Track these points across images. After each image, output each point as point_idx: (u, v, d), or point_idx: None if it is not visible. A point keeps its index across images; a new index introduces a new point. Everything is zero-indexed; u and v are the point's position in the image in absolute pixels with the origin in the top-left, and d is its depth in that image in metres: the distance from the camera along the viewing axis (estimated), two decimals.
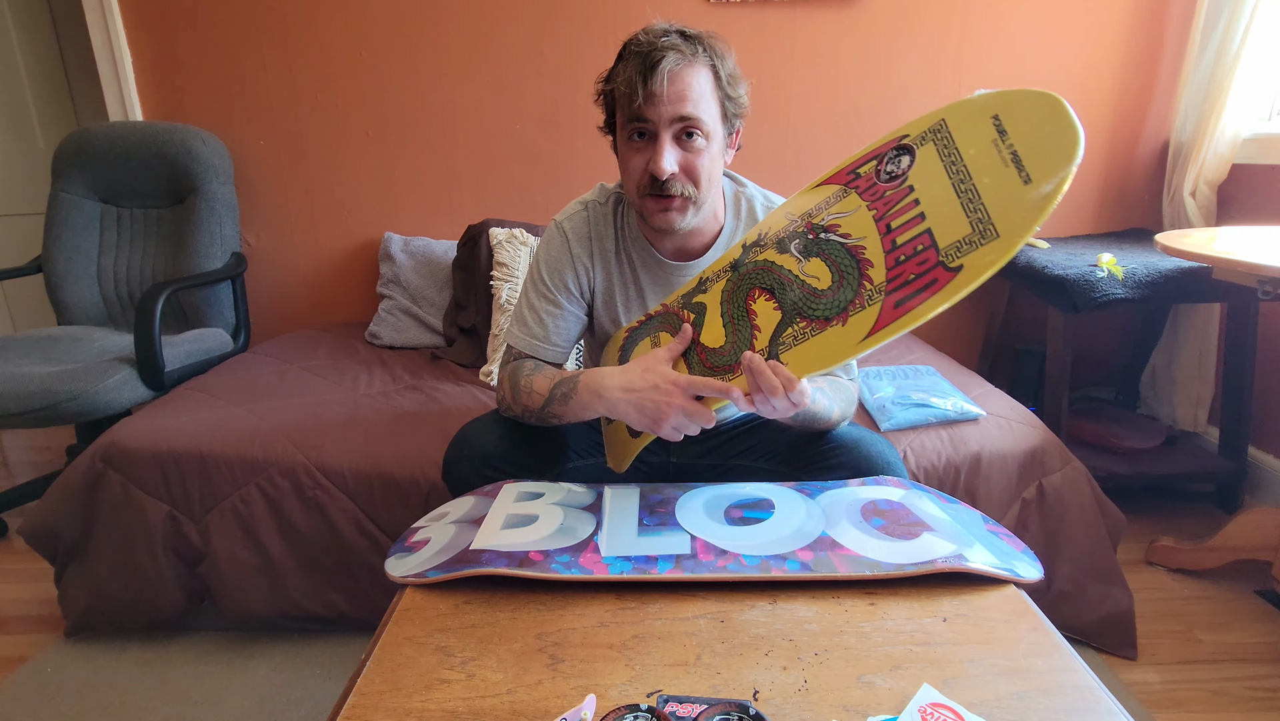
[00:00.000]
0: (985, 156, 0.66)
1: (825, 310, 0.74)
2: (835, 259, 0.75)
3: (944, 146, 0.70)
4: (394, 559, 0.77)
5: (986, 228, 0.64)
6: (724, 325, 0.84)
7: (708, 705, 0.54)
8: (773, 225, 0.84)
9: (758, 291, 0.81)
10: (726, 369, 0.82)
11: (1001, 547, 0.75)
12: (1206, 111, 1.77)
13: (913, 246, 0.69)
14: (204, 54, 1.97)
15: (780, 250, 0.80)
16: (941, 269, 0.66)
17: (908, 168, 0.72)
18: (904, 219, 0.70)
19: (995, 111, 0.68)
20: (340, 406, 1.49)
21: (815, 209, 0.79)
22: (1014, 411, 1.43)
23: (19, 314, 2.52)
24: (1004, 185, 0.65)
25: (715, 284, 0.87)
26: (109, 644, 1.37)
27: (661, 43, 0.86)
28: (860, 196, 0.75)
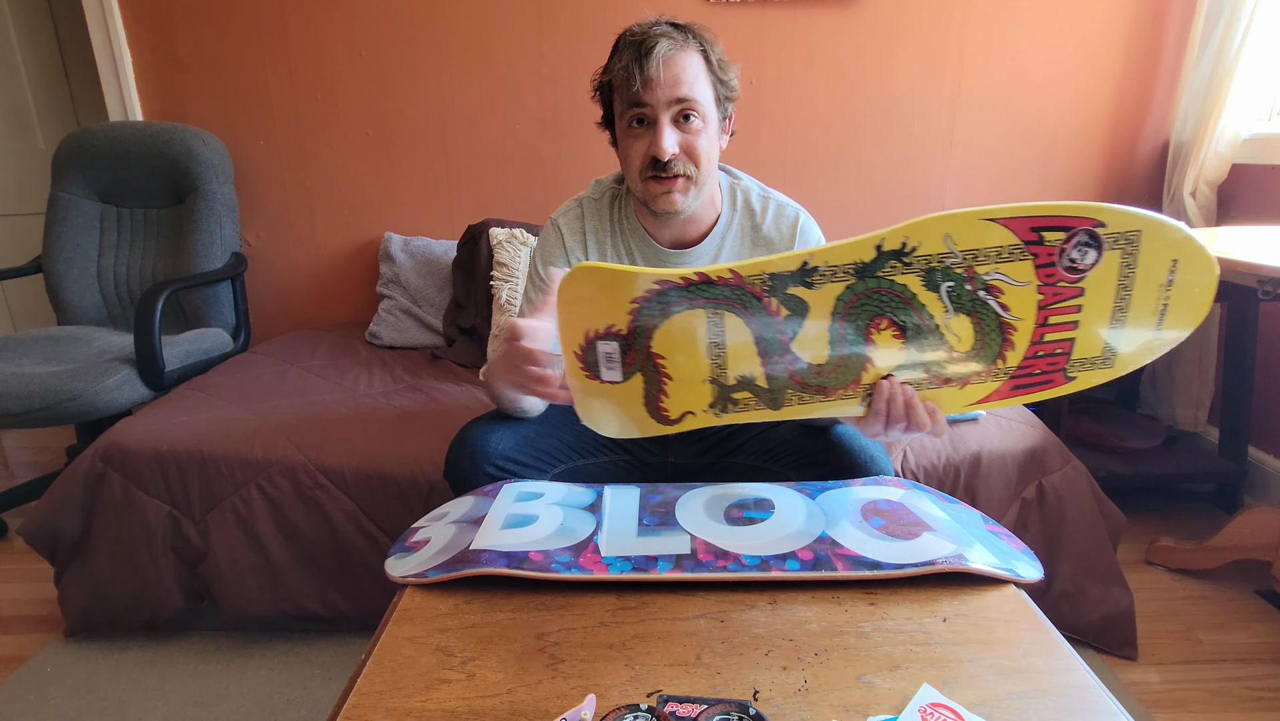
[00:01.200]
0: (1148, 297, 0.68)
1: (954, 371, 0.73)
2: (985, 327, 0.71)
3: (1127, 263, 0.68)
4: (394, 559, 0.76)
5: (1110, 358, 0.70)
6: (830, 342, 0.73)
7: (708, 705, 0.54)
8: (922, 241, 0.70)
9: (886, 321, 0.72)
10: (819, 389, 0.75)
11: (1001, 547, 0.75)
12: (1206, 111, 1.77)
13: (1054, 348, 0.71)
14: (204, 54, 1.97)
15: (927, 284, 0.71)
16: (1062, 375, 0.71)
17: (1091, 265, 0.69)
18: (1061, 319, 0.70)
19: (1177, 256, 0.67)
20: (340, 406, 1.49)
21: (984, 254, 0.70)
22: (1013, 411, 1.43)
23: (19, 314, 2.52)
24: (1143, 328, 0.69)
25: (829, 283, 0.72)
26: (109, 644, 1.37)
27: (654, 31, 0.89)
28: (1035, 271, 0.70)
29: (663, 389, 0.77)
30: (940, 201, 2.06)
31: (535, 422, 1.03)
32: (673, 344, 0.75)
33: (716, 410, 0.77)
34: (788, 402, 0.76)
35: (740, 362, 0.75)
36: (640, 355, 0.75)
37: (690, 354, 0.75)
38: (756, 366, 0.75)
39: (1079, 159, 2.03)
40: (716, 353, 0.75)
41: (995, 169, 2.03)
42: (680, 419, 0.78)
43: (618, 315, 0.74)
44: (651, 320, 0.74)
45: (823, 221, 1.07)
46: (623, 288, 0.73)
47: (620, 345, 0.75)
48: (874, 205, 2.06)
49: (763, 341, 0.74)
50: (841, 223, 2.05)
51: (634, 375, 0.76)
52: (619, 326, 0.74)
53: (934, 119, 2.00)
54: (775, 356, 0.74)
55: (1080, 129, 2.00)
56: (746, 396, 0.76)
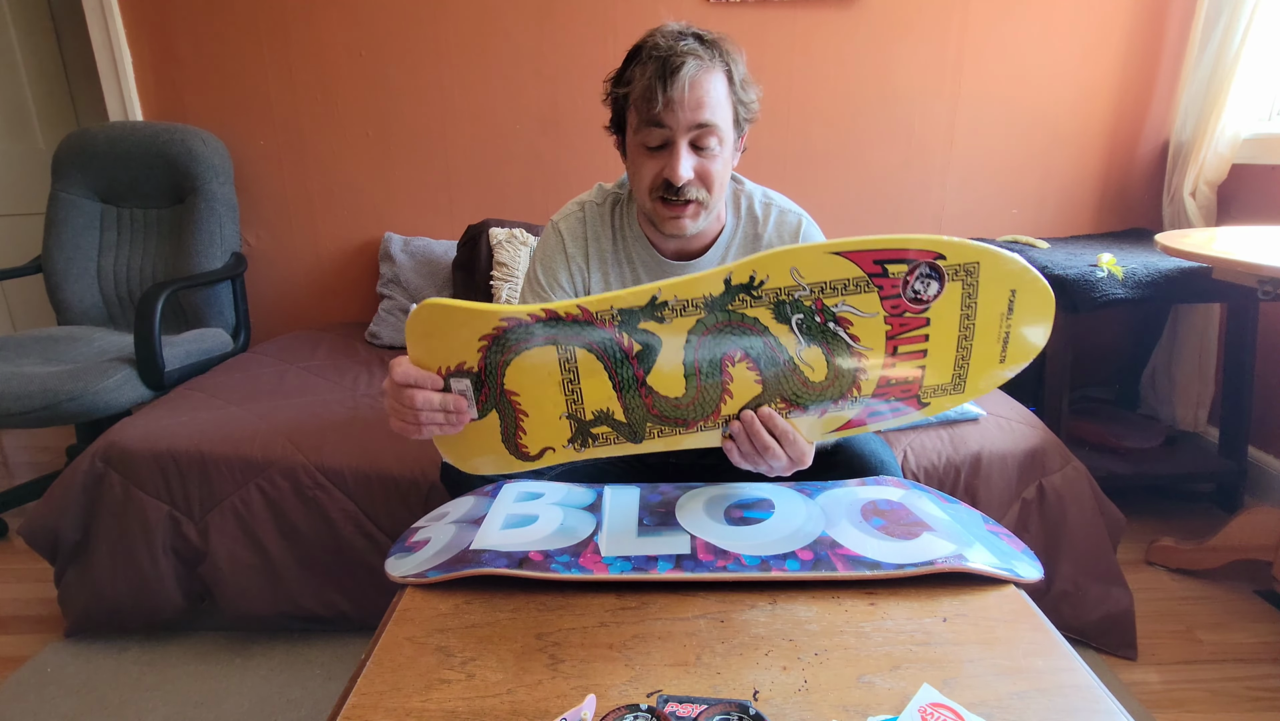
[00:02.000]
0: (990, 326, 0.72)
1: (810, 400, 0.74)
2: (837, 357, 0.73)
3: (968, 292, 0.71)
4: (394, 559, 0.76)
5: (960, 383, 0.74)
6: (686, 376, 0.73)
7: (708, 705, 0.54)
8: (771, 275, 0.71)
9: (740, 353, 0.72)
10: (679, 422, 0.75)
11: (1001, 547, 0.75)
12: (1206, 111, 1.77)
13: (904, 376, 0.73)
14: (204, 54, 1.97)
15: (778, 317, 0.72)
16: (916, 401, 0.74)
17: (934, 296, 0.71)
18: (911, 348, 0.73)
19: (1015, 286, 0.71)
20: (340, 406, 1.49)
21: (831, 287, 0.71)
22: (1014, 411, 1.43)
23: (19, 314, 2.52)
24: (988, 358, 0.73)
25: (680, 319, 0.72)
26: (109, 644, 1.37)
27: (681, 47, 0.85)
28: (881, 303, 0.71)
29: (519, 425, 0.76)
30: (940, 200, 2.06)
31: None
32: (525, 381, 0.73)
33: (576, 445, 0.76)
34: (648, 436, 0.76)
35: (595, 398, 0.74)
36: (494, 392, 0.74)
37: (544, 390, 0.74)
38: (613, 401, 0.74)
39: (1079, 158, 2.03)
40: (570, 389, 0.74)
41: (995, 168, 2.04)
42: (540, 454, 0.77)
43: (467, 352, 0.72)
44: (502, 356, 0.73)
45: (823, 221, 1.06)
46: (471, 324, 0.72)
47: (473, 381, 0.74)
48: (874, 205, 2.07)
49: (617, 378, 0.73)
50: (842, 222, 2.05)
51: (489, 412, 0.75)
52: (469, 364, 0.73)
53: (934, 118, 2.00)
54: (630, 391, 0.74)
55: (1080, 128, 2.00)
56: (605, 431, 0.76)
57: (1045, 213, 2.07)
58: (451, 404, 0.72)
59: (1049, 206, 2.07)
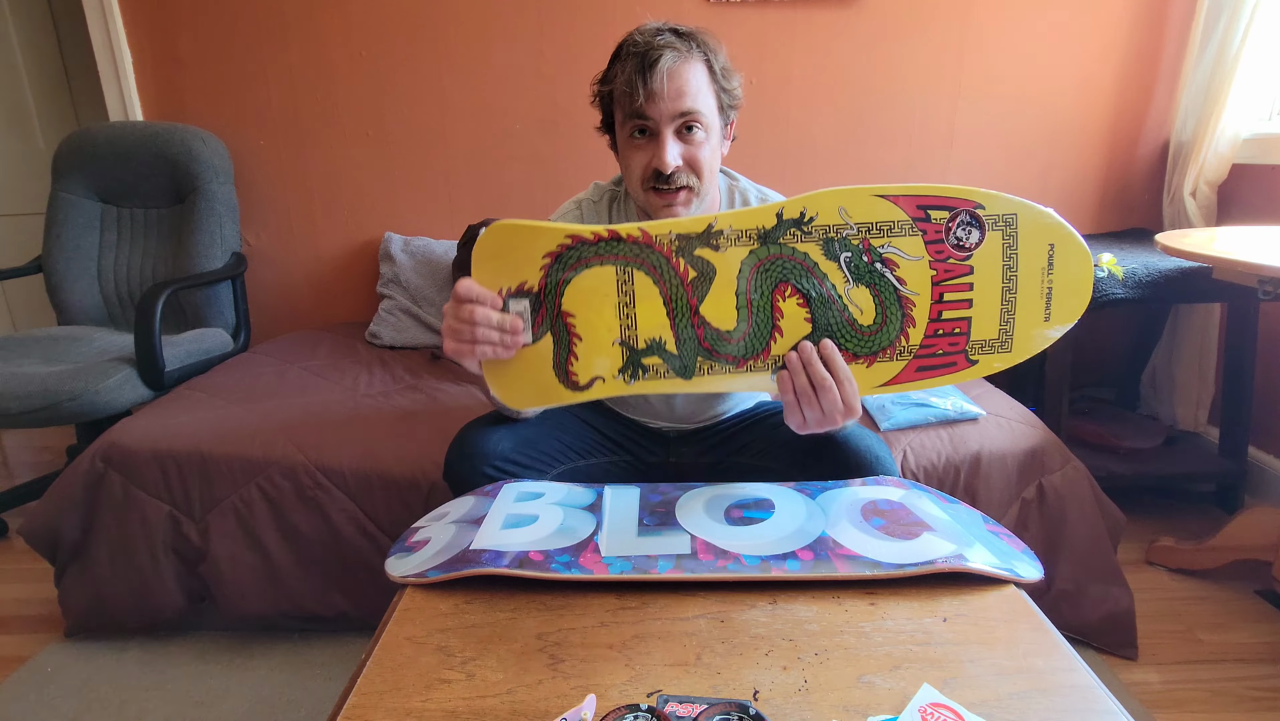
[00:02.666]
0: (1033, 278, 0.73)
1: (859, 346, 0.75)
2: (884, 300, 0.74)
3: (1009, 244, 0.73)
4: (394, 559, 0.76)
5: (1007, 341, 0.74)
6: (739, 307, 0.75)
7: (708, 705, 0.54)
8: (820, 212, 0.73)
9: (790, 289, 0.74)
10: (730, 359, 0.76)
11: (1001, 547, 0.75)
12: (1206, 111, 1.77)
13: (952, 326, 0.74)
14: (204, 54, 1.97)
15: (827, 254, 0.73)
16: (964, 357, 0.75)
17: (976, 244, 0.73)
18: (956, 297, 0.74)
19: (1053, 241, 0.73)
20: (340, 406, 1.49)
21: (878, 228, 0.73)
22: (1014, 411, 1.43)
23: (19, 314, 2.52)
24: (1033, 314, 0.73)
25: (734, 248, 0.74)
26: (109, 644, 1.37)
27: (657, 41, 0.88)
28: (926, 247, 0.73)
29: (572, 350, 0.77)
30: None
31: (534, 424, 1.03)
32: (583, 301, 0.76)
33: (626, 375, 0.77)
34: (699, 372, 0.77)
35: (650, 325, 0.76)
36: (550, 313, 0.76)
37: (600, 313, 0.76)
38: (666, 330, 0.76)
39: (1079, 158, 2.03)
40: (626, 313, 0.76)
41: (995, 168, 2.04)
42: (589, 384, 0.78)
43: (530, 270, 0.75)
44: (562, 275, 0.75)
45: None
46: (536, 242, 0.75)
47: (532, 302, 0.76)
48: None
49: (671, 303, 0.75)
50: None
51: (544, 335, 0.77)
52: (530, 283, 0.75)
53: (934, 118, 2.00)
54: (684, 320, 0.75)
55: (1080, 128, 2.00)
56: (656, 362, 0.77)
57: None
58: (509, 323, 0.74)
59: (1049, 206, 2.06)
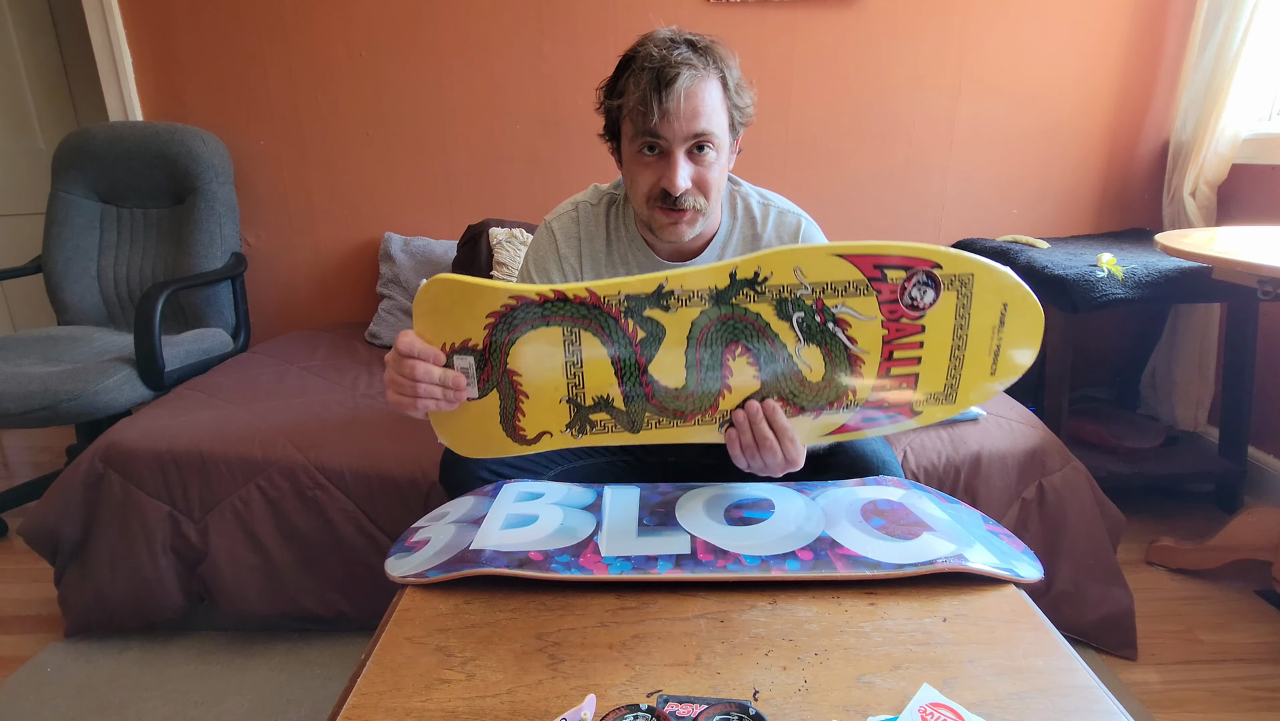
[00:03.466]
0: (982, 337, 0.73)
1: (806, 401, 0.75)
2: (834, 358, 0.74)
3: (962, 304, 0.72)
4: (394, 559, 0.76)
5: (951, 393, 0.75)
6: (687, 366, 0.74)
7: (708, 705, 0.54)
8: (775, 272, 0.72)
9: (741, 348, 0.74)
10: (677, 414, 0.76)
11: (1001, 547, 0.75)
12: (1206, 111, 1.77)
13: (899, 382, 0.74)
14: (204, 54, 1.97)
15: (779, 314, 0.73)
16: (909, 408, 0.75)
17: (930, 304, 0.73)
18: (906, 354, 0.74)
19: (1007, 300, 0.72)
20: (340, 406, 1.49)
21: (832, 288, 0.73)
22: (1014, 411, 1.43)
23: (19, 314, 2.52)
24: (979, 369, 0.74)
25: (685, 308, 0.73)
26: (109, 644, 1.37)
27: (674, 57, 0.84)
28: (880, 307, 0.73)
29: (519, 407, 0.76)
30: (940, 200, 2.06)
31: None
32: (528, 361, 0.74)
33: (574, 431, 0.77)
34: (646, 426, 0.76)
35: (597, 383, 0.75)
36: (496, 371, 0.74)
37: (546, 373, 0.74)
38: (614, 388, 0.75)
39: (1079, 158, 2.03)
40: (573, 372, 0.75)
41: (995, 168, 2.04)
42: (537, 439, 0.77)
43: (473, 329, 0.73)
44: (508, 335, 0.73)
45: (823, 220, 1.05)
46: (480, 301, 0.72)
47: (476, 360, 0.74)
48: (874, 205, 2.07)
49: (619, 363, 0.74)
50: (842, 222, 2.05)
51: (490, 391, 0.75)
52: (475, 341, 0.74)
53: (934, 118, 2.00)
54: (631, 379, 0.74)
55: (1080, 129, 2.00)
56: (604, 418, 0.76)
57: (1045, 212, 2.07)
58: (451, 380, 0.73)
59: (1049, 206, 2.07)
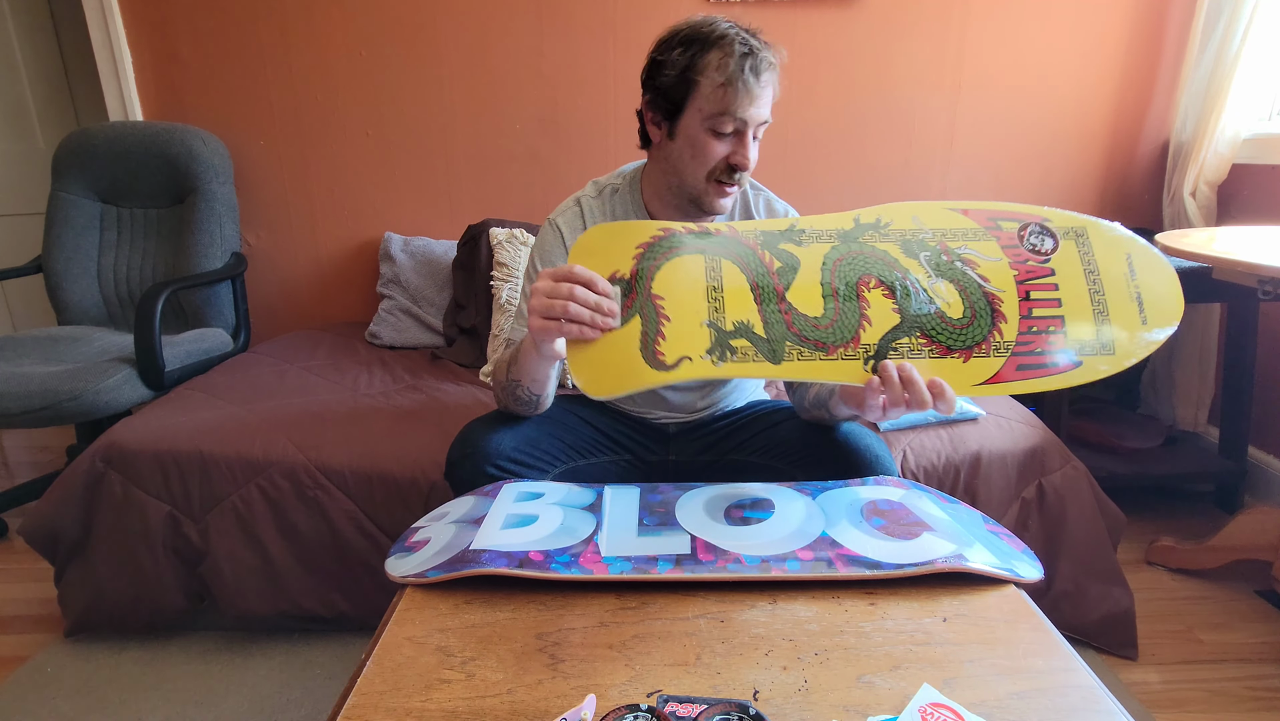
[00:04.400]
0: (1118, 283, 0.74)
1: (953, 340, 0.75)
2: (970, 294, 0.75)
3: (1084, 252, 0.74)
4: (394, 559, 0.76)
5: (1109, 343, 0.74)
6: (824, 295, 0.76)
7: (708, 705, 0.54)
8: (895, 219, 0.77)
9: (874, 281, 0.76)
10: (818, 345, 0.76)
11: (1001, 547, 0.75)
12: (1206, 111, 1.77)
13: (1046, 324, 0.74)
14: (204, 54, 1.97)
15: (906, 252, 0.76)
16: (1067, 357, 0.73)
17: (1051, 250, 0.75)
18: (1044, 295, 0.75)
19: (1129, 251, 0.74)
20: (340, 406, 1.49)
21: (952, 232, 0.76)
22: (1013, 411, 1.43)
23: (19, 314, 2.52)
24: (1128, 315, 0.74)
25: (816, 243, 0.78)
26: (109, 644, 1.37)
27: (763, 50, 0.92)
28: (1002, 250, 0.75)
29: (660, 331, 0.78)
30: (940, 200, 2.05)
31: (536, 423, 1.04)
32: (672, 284, 0.78)
33: (714, 357, 0.77)
34: (788, 356, 0.76)
35: (737, 308, 0.77)
36: (641, 296, 0.78)
37: (689, 296, 0.77)
38: (754, 313, 0.77)
39: (1079, 158, 2.03)
40: (714, 295, 0.77)
41: (995, 168, 2.04)
42: (677, 364, 0.77)
43: (623, 260, 0.79)
44: (654, 262, 0.79)
45: None
46: (630, 235, 0.80)
47: (623, 288, 0.78)
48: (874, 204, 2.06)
49: (758, 289, 0.77)
50: None
51: (633, 318, 0.78)
52: (623, 271, 0.79)
53: (934, 118, 2.00)
54: (770, 305, 0.77)
55: (1080, 129, 2.00)
56: (744, 345, 0.77)
57: None
58: (605, 305, 0.75)
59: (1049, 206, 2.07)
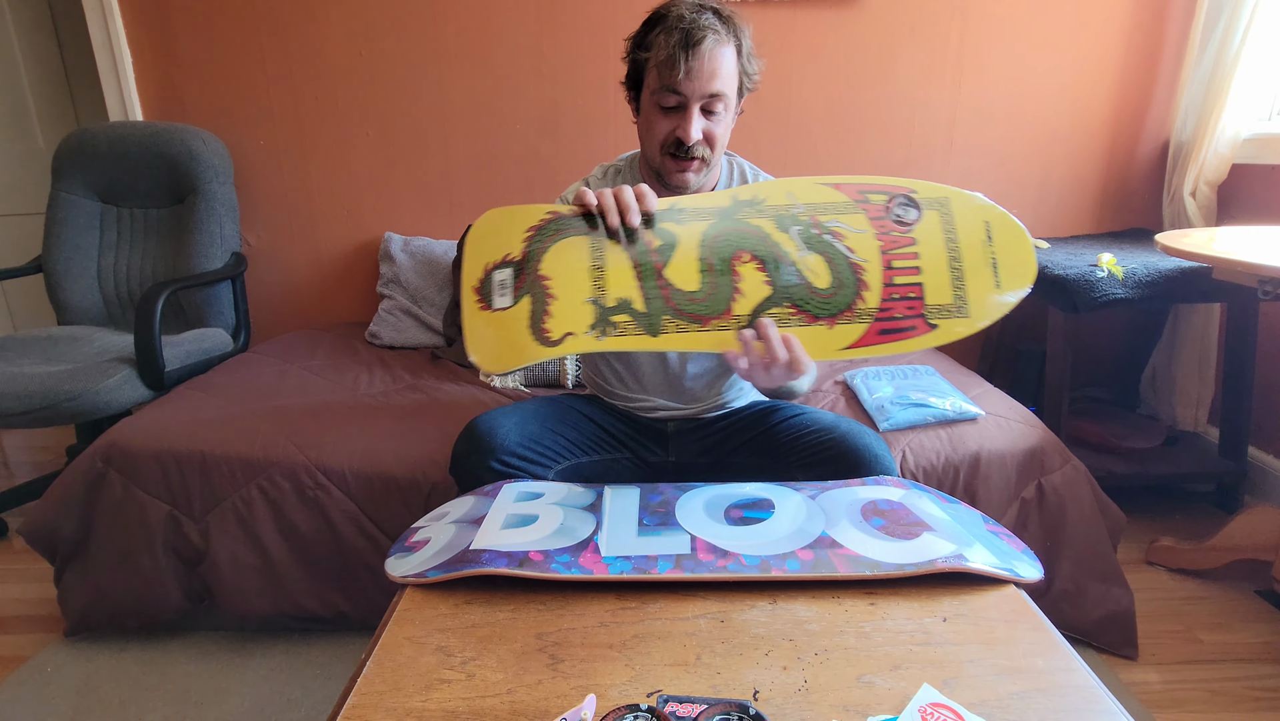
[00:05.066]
0: (975, 250, 0.80)
1: (819, 308, 0.81)
2: (836, 265, 0.81)
3: (946, 221, 0.80)
4: (394, 559, 0.77)
5: (963, 306, 0.80)
6: (701, 271, 0.83)
7: (708, 705, 0.54)
8: (770, 196, 0.83)
9: (748, 255, 0.82)
10: (694, 318, 0.83)
11: (1001, 547, 0.75)
12: (1206, 111, 1.77)
13: (906, 291, 0.80)
14: (204, 54, 1.97)
15: (779, 227, 0.82)
16: (923, 321, 0.80)
17: (914, 221, 0.81)
18: (904, 264, 0.81)
19: (987, 219, 0.81)
20: (340, 406, 1.49)
21: (822, 206, 0.82)
22: (1013, 411, 1.43)
23: (19, 314, 2.52)
24: (983, 280, 0.80)
25: (694, 221, 0.85)
26: (109, 644, 1.37)
27: (702, 21, 0.93)
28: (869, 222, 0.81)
29: (547, 309, 0.84)
30: None
31: (540, 419, 1.06)
32: (559, 265, 0.85)
33: (597, 332, 0.83)
34: (664, 329, 0.83)
35: (619, 285, 0.83)
36: (530, 277, 0.85)
37: (573, 275, 0.84)
38: (634, 289, 0.83)
39: (1079, 159, 2.03)
40: (597, 275, 0.84)
41: (995, 168, 2.04)
42: (561, 340, 0.83)
43: (514, 244, 0.86)
44: (542, 244, 0.85)
45: None
46: (521, 219, 0.87)
47: (514, 270, 0.85)
48: None
49: (639, 266, 0.83)
50: None
51: (523, 298, 0.84)
52: (514, 254, 0.86)
53: (934, 119, 2.00)
54: (650, 281, 0.83)
55: (1080, 129, 2.00)
56: (625, 320, 0.83)
57: (1045, 212, 2.07)
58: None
59: (1049, 206, 2.07)
